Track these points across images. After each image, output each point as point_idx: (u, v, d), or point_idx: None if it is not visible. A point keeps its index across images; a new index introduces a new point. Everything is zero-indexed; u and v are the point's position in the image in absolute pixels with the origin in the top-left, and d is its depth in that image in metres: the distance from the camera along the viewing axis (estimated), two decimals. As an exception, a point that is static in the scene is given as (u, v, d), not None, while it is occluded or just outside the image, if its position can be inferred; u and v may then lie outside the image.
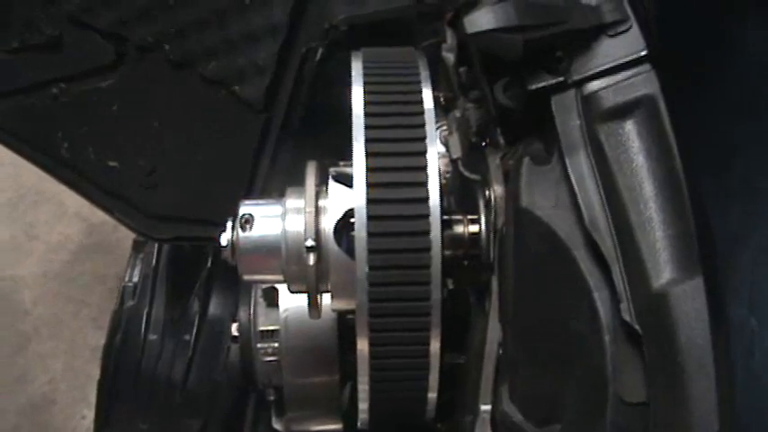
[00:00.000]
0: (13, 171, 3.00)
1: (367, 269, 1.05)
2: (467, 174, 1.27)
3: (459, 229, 1.21)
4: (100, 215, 1.71)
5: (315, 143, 1.58)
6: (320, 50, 1.50)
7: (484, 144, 1.25)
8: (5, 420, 2.67)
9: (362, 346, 1.10)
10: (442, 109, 1.36)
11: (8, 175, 3.02)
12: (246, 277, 1.24)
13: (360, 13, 1.44)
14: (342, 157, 1.21)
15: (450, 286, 1.25)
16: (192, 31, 1.50)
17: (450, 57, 1.31)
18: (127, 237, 1.99)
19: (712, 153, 1.07)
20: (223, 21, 1.49)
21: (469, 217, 1.22)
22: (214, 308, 1.86)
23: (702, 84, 1.09)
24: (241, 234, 1.20)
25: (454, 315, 1.14)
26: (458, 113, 1.31)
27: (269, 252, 1.19)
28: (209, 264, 1.89)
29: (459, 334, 1.28)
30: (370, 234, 1.05)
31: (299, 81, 1.53)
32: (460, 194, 1.29)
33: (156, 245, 1.93)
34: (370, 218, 1.05)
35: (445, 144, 1.32)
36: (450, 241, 1.18)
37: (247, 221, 1.20)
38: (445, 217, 1.09)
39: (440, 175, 1.09)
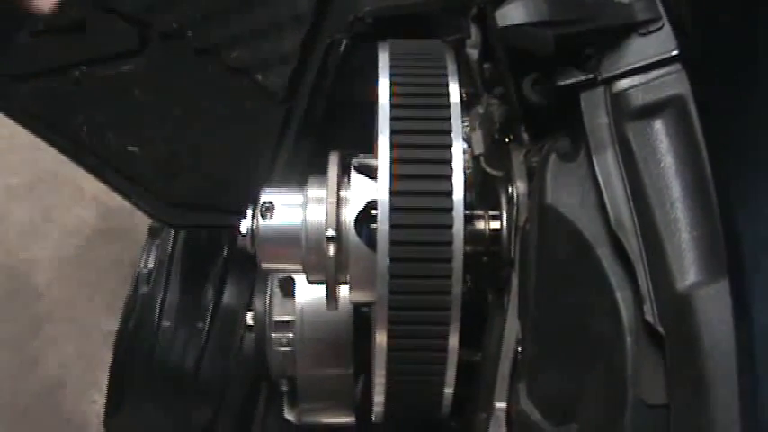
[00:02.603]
0: (30, 155, 2.99)
1: (388, 261, 1.05)
2: (489, 170, 1.26)
3: (480, 225, 1.21)
4: (116, 200, 1.71)
5: (336, 136, 1.57)
6: (344, 42, 1.49)
7: (507, 141, 1.24)
8: (17, 402, 2.68)
9: (380, 338, 1.09)
10: (465, 105, 1.35)
11: (26, 158, 3.02)
12: (265, 266, 1.23)
13: (385, 6, 1.44)
14: (362, 151, 1.21)
15: (469, 283, 1.25)
16: (216, 18, 1.49)
17: (473, 53, 1.31)
18: (143, 222, 1.99)
19: (741, 155, 1.06)
20: (247, 8, 1.48)
21: (491, 213, 1.21)
22: (228, 296, 1.85)
23: (733, 85, 1.08)
24: (261, 222, 1.19)
25: (471, 312, 1.13)
26: (481, 110, 1.31)
27: (289, 241, 1.18)
28: (224, 252, 1.88)
29: (476, 331, 1.27)
30: (392, 226, 1.05)
31: (322, 72, 1.52)
32: (481, 191, 1.28)
33: (173, 231, 1.92)
34: (393, 209, 1.05)
35: (467, 140, 1.31)
36: (472, 237, 1.17)
37: (268, 209, 1.20)
38: (467, 212, 1.09)
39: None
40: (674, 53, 0.99)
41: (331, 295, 1.19)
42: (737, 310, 0.88)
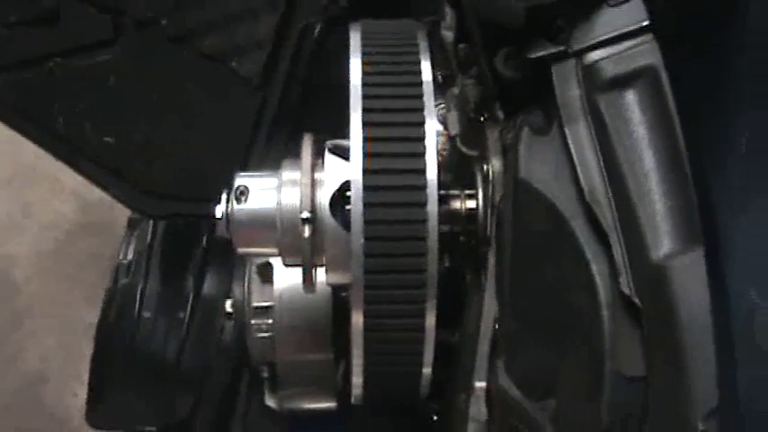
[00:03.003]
0: (9, 149, 2.97)
1: (363, 240, 1.05)
2: (465, 150, 1.26)
3: (456, 204, 1.21)
4: (95, 194, 1.70)
5: (311, 121, 1.56)
6: (318, 26, 1.49)
7: (482, 119, 1.24)
8: (-1, 397, 2.67)
9: (357, 318, 1.09)
10: (440, 87, 1.35)
11: (4, 152, 3.00)
12: (241, 250, 1.23)
13: (359, -12, 1.43)
14: (338, 137, 1.21)
15: (447, 263, 1.24)
16: (189, 5, 1.48)
17: (448, 34, 1.30)
18: (122, 216, 1.99)
19: (714, 123, 1.06)
20: (221, -5, 1.48)
21: (467, 192, 1.21)
22: (208, 286, 1.85)
23: (704, 53, 1.08)
24: (236, 206, 1.19)
25: (449, 293, 1.12)
26: (456, 90, 1.30)
27: (264, 224, 1.18)
28: (203, 242, 1.88)
29: (454, 312, 1.27)
30: (366, 204, 1.04)
31: (296, 57, 1.52)
32: (458, 171, 1.28)
33: (151, 222, 1.91)
34: (366, 188, 1.04)
35: (443, 121, 1.31)
36: (448, 216, 1.17)
37: (242, 193, 1.19)
38: (442, 192, 1.08)
39: (437, 149, 1.08)
40: (645, 23, 0.99)
41: (308, 278, 1.18)
42: (713, 277, 0.88)
